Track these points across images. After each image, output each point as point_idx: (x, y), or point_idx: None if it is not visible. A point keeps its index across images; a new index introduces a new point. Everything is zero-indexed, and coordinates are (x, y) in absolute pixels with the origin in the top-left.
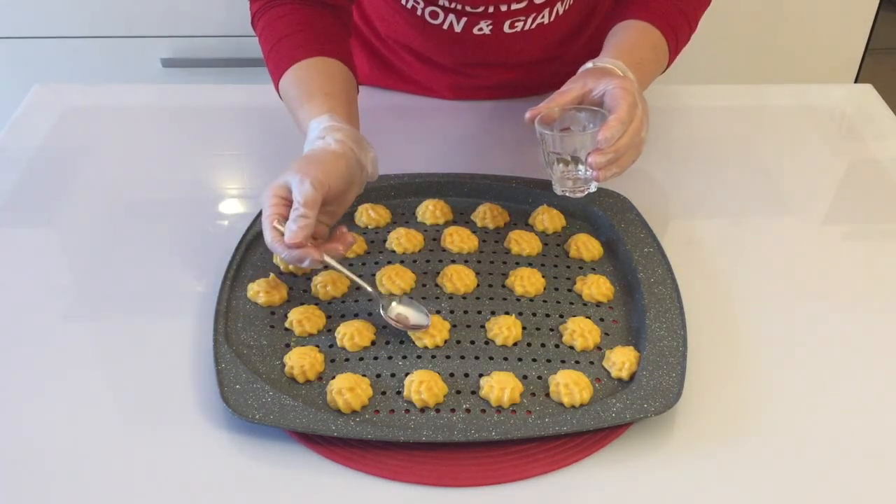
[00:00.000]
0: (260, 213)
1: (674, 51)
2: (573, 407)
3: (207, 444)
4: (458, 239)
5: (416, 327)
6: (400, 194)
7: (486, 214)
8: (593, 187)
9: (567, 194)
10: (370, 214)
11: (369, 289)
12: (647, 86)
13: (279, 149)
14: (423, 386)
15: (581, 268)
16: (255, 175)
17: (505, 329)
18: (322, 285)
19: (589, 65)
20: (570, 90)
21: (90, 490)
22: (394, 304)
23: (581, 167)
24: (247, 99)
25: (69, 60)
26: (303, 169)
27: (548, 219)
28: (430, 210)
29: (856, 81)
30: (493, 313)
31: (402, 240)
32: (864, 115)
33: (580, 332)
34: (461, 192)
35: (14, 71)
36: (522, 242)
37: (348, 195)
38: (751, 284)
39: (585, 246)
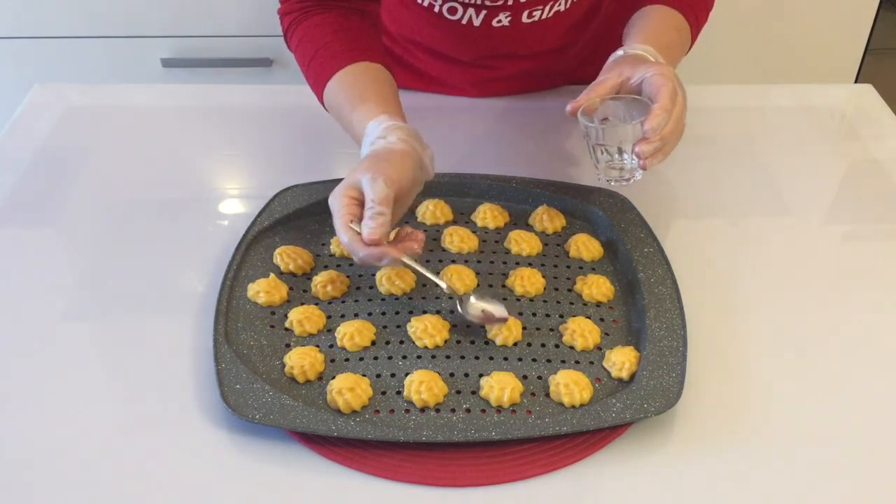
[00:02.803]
0: (260, 213)
1: (695, 31)
2: (573, 407)
3: (207, 444)
4: (458, 239)
5: (499, 321)
6: None
7: (486, 214)
8: (639, 175)
9: (612, 184)
10: None
11: (444, 286)
12: (674, 68)
13: (279, 149)
14: (423, 386)
15: (581, 268)
16: (255, 175)
17: (505, 329)
18: (322, 285)
19: (620, 52)
20: (607, 80)
21: (90, 490)
22: (472, 299)
23: (626, 157)
24: (247, 99)
25: (69, 60)
26: (373, 167)
27: (548, 219)
28: (430, 210)
29: (856, 81)
30: None
31: None
32: (864, 115)
33: (580, 332)
34: (461, 192)
35: (14, 71)
36: (522, 242)
37: (411, 194)
38: (751, 284)
39: (585, 246)
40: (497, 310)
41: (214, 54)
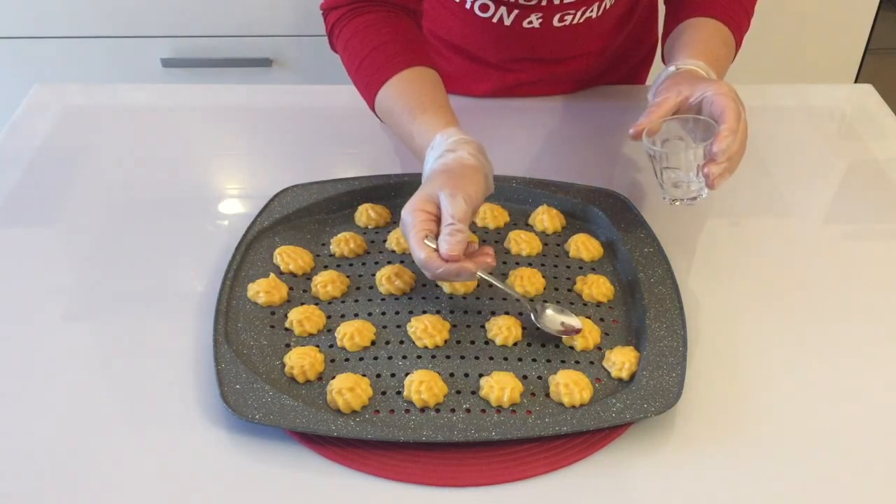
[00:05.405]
0: (260, 213)
1: (739, 41)
2: (573, 407)
3: (207, 444)
4: None
5: (575, 331)
6: (400, 194)
7: (486, 214)
8: (705, 194)
9: (678, 204)
10: (370, 214)
11: (518, 297)
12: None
13: (279, 149)
14: (423, 386)
15: (581, 268)
16: (255, 175)
17: (505, 329)
18: (322, 285)
19: (672, 68)
20: (667, 100)
21: (90, 490)
22: (549, 312)
23: (692, 177)
24: (247, 99)
25: (69, 60)
26: (451, 183)
27: (548, 219)
28: None
29: (856, 81)
30: (493, 313)
31: (402, 240)
32: (864, 115)
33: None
34: None
35: (14, 71)
36: (522, 242)
37: (479, 210)
38: (751, 284)
39: (585, 246)
40: (574, 321)
41: (214, 54)
